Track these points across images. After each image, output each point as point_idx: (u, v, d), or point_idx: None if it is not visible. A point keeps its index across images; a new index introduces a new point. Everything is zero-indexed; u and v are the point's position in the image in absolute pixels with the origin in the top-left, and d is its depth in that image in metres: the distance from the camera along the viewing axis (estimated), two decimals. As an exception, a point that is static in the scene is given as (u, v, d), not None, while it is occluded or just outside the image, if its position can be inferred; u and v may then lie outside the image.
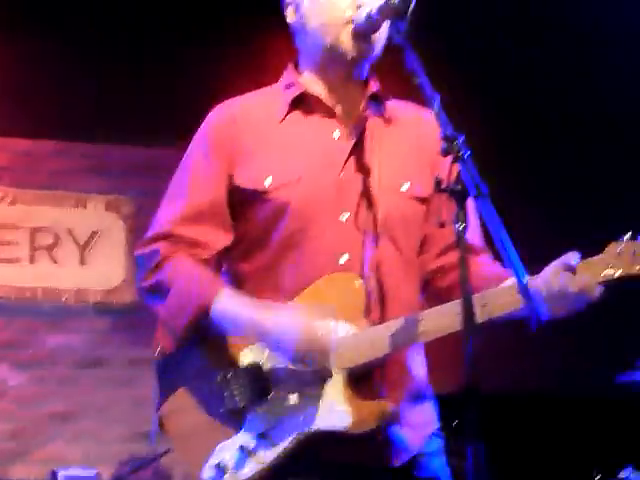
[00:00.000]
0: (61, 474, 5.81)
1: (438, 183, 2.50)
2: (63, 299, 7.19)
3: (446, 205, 2.54)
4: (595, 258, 2.73)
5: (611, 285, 2.72)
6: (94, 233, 7.33)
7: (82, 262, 7.28)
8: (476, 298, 2.57)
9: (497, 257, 2.77)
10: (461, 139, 2.51)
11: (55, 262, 7.22)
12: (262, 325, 2.83)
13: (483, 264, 2.99)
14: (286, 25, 3.14)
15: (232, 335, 2.90)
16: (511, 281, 2.71)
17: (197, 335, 2.92)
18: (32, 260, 7.18)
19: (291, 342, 2.79)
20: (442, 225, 2.70)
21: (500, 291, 2.76)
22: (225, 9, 6.54)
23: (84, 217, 7.33)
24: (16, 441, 6.91)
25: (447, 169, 2.49)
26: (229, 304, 2.88)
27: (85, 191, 7.33)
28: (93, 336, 7.23)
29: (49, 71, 6.91)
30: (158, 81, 6.92)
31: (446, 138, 2.52)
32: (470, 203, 2.49)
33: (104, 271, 7.28)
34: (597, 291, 2.71)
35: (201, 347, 2.95)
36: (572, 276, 2.69)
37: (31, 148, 7.27)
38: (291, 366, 2.83)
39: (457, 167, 2.48)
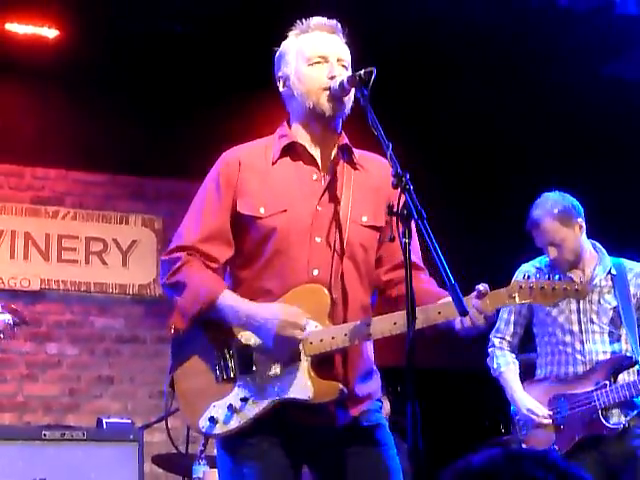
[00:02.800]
0: (105, 421, 5.65)
1: (390, 208, 2.52)
2: (109, 291, 7.17)
3: (395, 226, 2.53)
4: (502, 290, 2.74)
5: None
6: (133, 242, 7.29)
7: (124, 264, 7.23)
8: (420, 310, 2.60)
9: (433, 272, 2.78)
10: (407, 175, 2.52)
11: (104, 263, 7.17)
12: (251, 314, 2.80)
13: (423, 281, 2.93)
14: (276, 95, 3.09)
15: (230, 322, 2.84)
16: (443, 300, 2.71)
17: (202, 320, 2.88)
18: (87, 262, 7.13)
19: (271, 327, 2.76)
20: (392, 240, 2.63)
21: (434, 307, 2.74)
22: (239, 86, 6.51)
23: (126, 230, 7.29)
24: (72, 397, 6.93)
25: (396, 198, 2.50)
26: (229, 299, 2.84)
27: (127, 211, 7.32)
28: (131, 319, 7.22)
29: (104, 122, 6.90)
30: (182, 132, 6.94)
31: (396, 175, 2.53)
32: (413, 231, 2.53)
33: (140, 271, 7.22)
34: (493, 315, 2.73)
35: (205, 329, 2.90)
36: (482, 300, 2.68)
37: (87, 178, 7.26)
38: (272, 347, 2.80)
39: (404, 197, 2.49)
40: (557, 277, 2.81)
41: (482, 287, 2.67)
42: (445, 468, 1.66)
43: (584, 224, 4.33)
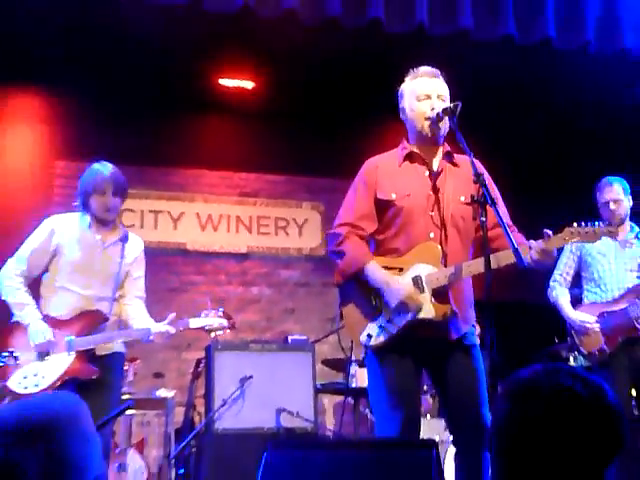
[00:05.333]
0: (289, 338, 5.59)
1: (472, 197, 2.69)
2: (291, 253, 7.24)
3: (477, 209, 2.68)
4: (558, 235, 2.76)
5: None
6: (305, 220, 7.34)
7: (299, 234, 7.28)
8: (492, 256, 2.67)
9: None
10: (483, 175, 2.67)
11: (287, 234, 7.25)
12: (385, 286, 2.84)
13: (518, 237, 2.87)
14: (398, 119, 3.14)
15: (370, 284, 2.87)
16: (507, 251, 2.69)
17: (356, 278, 2.93)
18: (276, 234, 7.17)
19: (396, 300, 2.81)
20: (475, 219, 2.77)
21: (505, 253, 2.73)
22: (374, 112, 5.96)
23: (300, 212, 7.32)
24: (265, 321, 7.04)
25: (477, 190, 2.67)
26: (372, 269, 2.89)
27: (301, 200, 7.37)
28: (304, 271, 7.27)
29: (287, 141, 6.89)
30: (341, 144, 6.83)
31: (476, 174, 2.67)
32: (501, 204, 2.71)
33: (310, 238, 7.28)
34: (555, 253, 2.77)
35: (359, 282, 2.91)
36: (546, 241, 2.72)
37: (275, 179, 7.28)
38: (392, 308, 2.81)
39: (481, 189, 2.65)
40: (596, 223, 2.82)
41: (549, 232, 2.74)
42: (507, 377, 1.56)
43: (632, 201, 4.57)
